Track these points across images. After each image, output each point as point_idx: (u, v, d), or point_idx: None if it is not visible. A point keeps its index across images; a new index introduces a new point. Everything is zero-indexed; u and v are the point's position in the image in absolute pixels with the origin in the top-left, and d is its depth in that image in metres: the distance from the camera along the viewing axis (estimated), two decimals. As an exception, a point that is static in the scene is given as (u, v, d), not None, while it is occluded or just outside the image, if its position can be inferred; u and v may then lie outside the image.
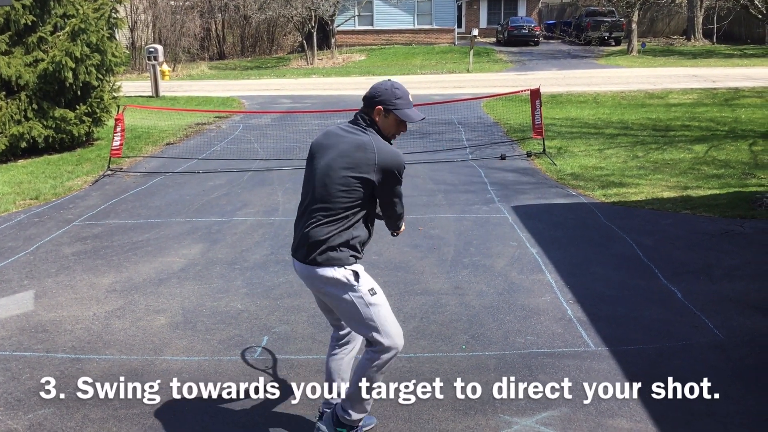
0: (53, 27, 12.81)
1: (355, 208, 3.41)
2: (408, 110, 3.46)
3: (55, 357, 4.81)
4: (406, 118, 3.45)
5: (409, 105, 3.46)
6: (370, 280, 3.49)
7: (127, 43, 31.42)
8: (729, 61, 27.84)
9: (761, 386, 4.22)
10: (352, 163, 3.35)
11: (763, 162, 10.66)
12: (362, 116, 3.48)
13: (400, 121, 3.47)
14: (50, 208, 8.85)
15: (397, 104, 3.43)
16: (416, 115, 3.49)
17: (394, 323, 3.50)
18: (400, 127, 3.50)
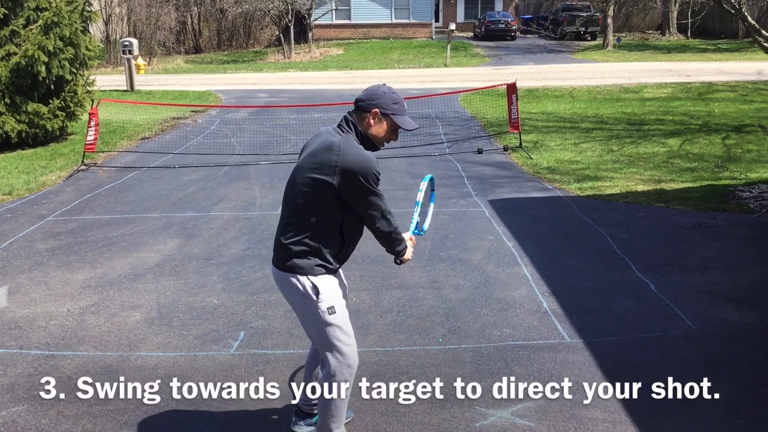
0: (26, 20, 12.62)
1: (319, 213, 3.22)
2: (404, 117, 3.37)
3: (29, 354, 4.77)
4: (402, 125, 3.35)
5: (404, 112, 3.38)
6: (333, 298, 3.32)
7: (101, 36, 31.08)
8: (703, 55, 28.15)
9: (732, 376, 4.29)
10: (317, 163, 3.17)
11: (735, 155, 10.81)
12: (346, 117, 3.31)
13: (393, 128, 3.36)
14: (23, 203, 8.75)
15: (395, 109, 3.33)
16: (411, 124, 3.40)
17: (349, 350, 3.35)
18: (393, 134, 3.38)
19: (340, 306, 3.34)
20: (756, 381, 4.23)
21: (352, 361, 3.36)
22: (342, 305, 3.37)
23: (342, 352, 3.33)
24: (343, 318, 3.36)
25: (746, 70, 22.40)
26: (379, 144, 3.36)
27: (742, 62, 25.19)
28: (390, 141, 3.40)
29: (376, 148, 3.36)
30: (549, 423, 3.84)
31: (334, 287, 3.36)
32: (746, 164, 10.17)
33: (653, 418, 3.86)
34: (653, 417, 3.87)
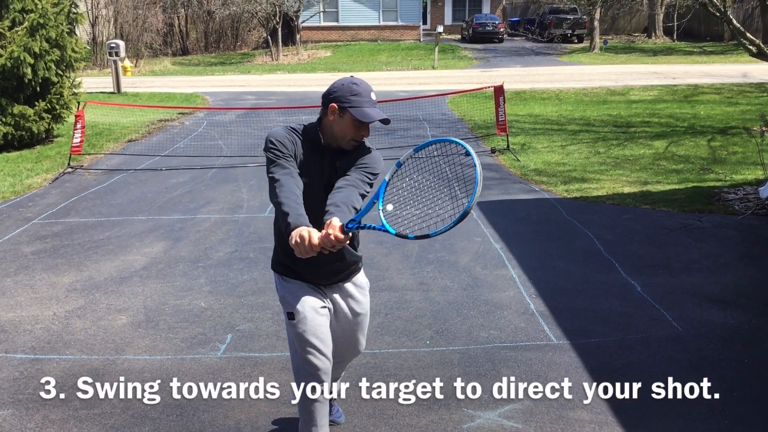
0: (11, 22, 12.53)
1: None
2: (366, 108, 2.93)
3: (14, 357, 4.74)
4: (362, 117, 2.90)
5: (369, 103, 2.94)
6: (293, 301, 3.09)
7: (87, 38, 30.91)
8: (689, 58, 28.36)
9: (717, 377, 4.31)
10: None
11: (721, 157, 10.89)
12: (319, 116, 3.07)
13: (357, 122, 2.94)
14: (9, 206, 8.69)
15: (353, 101, 2.91)
16: (375, 114, 2.93)
17: (315, 360, 3.07)
18: (360, 129, 2.96)
19: (302, 312, 3.07)
20: (741, 381, 4.26)
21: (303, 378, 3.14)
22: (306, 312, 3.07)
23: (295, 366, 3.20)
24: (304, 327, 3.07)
25: (731, 72, 22.58)
26: (344, 144, 2.99)
27: (727, 65, 25.39)
28: (362, 137, 3.00)
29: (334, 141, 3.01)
30: (536, 424, 3.85)
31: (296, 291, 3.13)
32: (731, 166, 10.24)
33: (639, 419, 3.88)
34: (639, 418, 3.89)
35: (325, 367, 3.12)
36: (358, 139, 2.99)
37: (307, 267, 3.06)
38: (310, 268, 3.07)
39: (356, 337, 3.41)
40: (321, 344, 3.10)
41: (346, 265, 3.21)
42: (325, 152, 3.04)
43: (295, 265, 3.07)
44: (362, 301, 3.35)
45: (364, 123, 2.96)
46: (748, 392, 4.14)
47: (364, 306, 3.37)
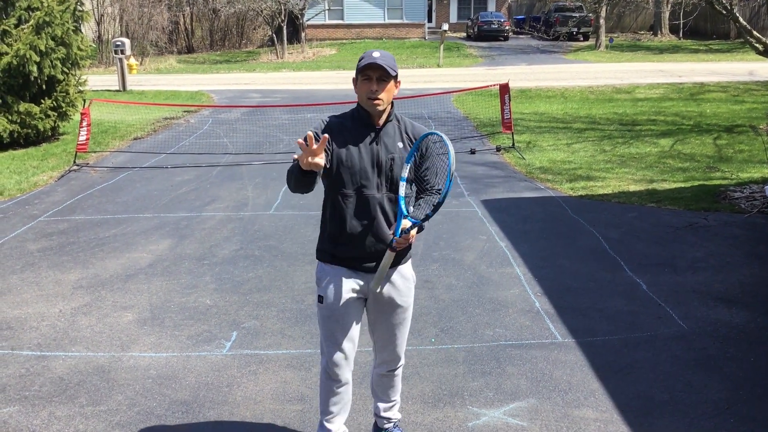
0: (17, 20, 12.57)
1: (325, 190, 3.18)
2: (363, 60, 3.01)
3: (21, 354, 4.75)
4: (359, 66, 3.01)
5: (369, 57, 3.00)
6: (326, 285, 3.17)
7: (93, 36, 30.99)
8: (695, 56, 28.28)
9: (723, 376, 4.31)
10: None
11: (727, 155, 10.86)
12: None
13: (363, 78, 3.01)
14: (15, 203, 8.71)
15: (359, 64, 3.02)
16: (367, 58, 2.99)
17: (332, 345, 3.19)
18: (366, 84, 3.00)
19: (331, 296, 3.15)
20: (746, 380, 4.25)
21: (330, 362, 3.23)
22: (334, 296, 3.15)
23: (324, 349, 3.26)
24: (330, 312, 3.16)
25: (738, 70, 22.52)
26: (366, 105, 3.04)
27: (733, 63, 25.31)
28: (373, 94, 2.99)
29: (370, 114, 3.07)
30: (541, 422, 3.85)
31: (335, 278, 3.16)
32: (737, 164, 10.21)
33: (645, 417, 3.87)
34: (644, 416, 3.89)
35: (341, 354, 3.20)
36: (372, 96, 2.99)
37: (350, 250, 3.12)
38: (353, 249, 3.11)
39: (393, 333, 3.30)
40: (341, 332, 3.17)
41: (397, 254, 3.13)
42: (371, 128, 3.10)
43: (336, 249, 3.14)
44: (404, 293, 3.26)
45: (366, 73, 3.00)
46: (754, 391, 4.13)
47: (406, 299, 3.28)
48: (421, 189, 3.22)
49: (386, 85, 3.02)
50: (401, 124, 3.19)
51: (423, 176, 3.18)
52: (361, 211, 3.08)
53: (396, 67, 3.05)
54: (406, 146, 3.13)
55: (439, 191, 3.21)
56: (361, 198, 3.07)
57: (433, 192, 3.22)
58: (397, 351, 3.37)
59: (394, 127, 3.15)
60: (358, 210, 3.08)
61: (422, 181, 3.19)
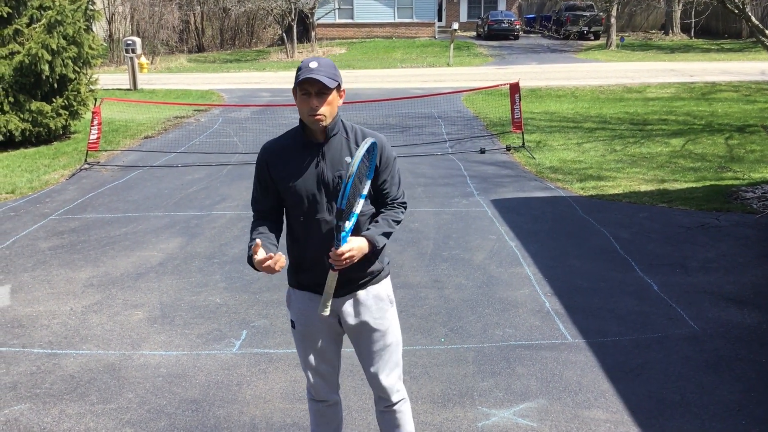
0: (29, 19, 12.66)
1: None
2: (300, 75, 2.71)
3: (32, 352, 4.77)
4: (296, 85, 2.72)
5: (306, 71, 2.70)
6: (295, 311, 3.00)
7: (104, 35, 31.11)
8: (706, 55, 28.12)
9: (734, 377, 4.28)
10: None
11: (738, 156, 10.79)
12: None
13: (300, 94, 2.74)
14: (26, 202, 8.76)
15: (296, 77, 2.74)
16: (304, 69, 2.70)
17: (309, 368, 3.04)
18: (305, 102, 2.72)
19: (303, 320, 2.97)
20: (758, 382, 4.22)
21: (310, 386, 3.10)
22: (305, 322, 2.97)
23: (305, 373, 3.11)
24: (302, 336, 3.00)
25: (750, 70, 22.38)
26: (308, 122, 2.77)
27: (745, 62, 25.16)
28: (313, 110, 2.71)
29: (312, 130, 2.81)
30: (551, 423, 3.84)
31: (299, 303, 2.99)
32: (749, 164, 10.15)
33: (655, 419, 3.85)
34: (655, 417, 3.87)
35: (318, 378, 3.04)
36: (313, 113, 2.71)
37: (312, 276, 2.90)
38: (315, 277, 2.88)
39: (375, 362, 3.01)
40: (315, 355, 3.00)
41: (356, 273, 2.88)
42: (312, 146, 2.83)
43: (299, 275, 2.96)
44: (378, 315, 2.96)
45: (304, 88, 2.71)
46: (766, 393, 4.10)
47: (381, 321, 2.97)
48: (381, 203, 2.94)
49: (327, 98, 2.72)
50: (350, 136, 2.87)
51: (382, 188, 2.90)
52: (316, 236, 2.83)
53: (337, 76, 2.75)
54: None
55: (403, 204, 2.98)
56: (312, 222, 2.83)
57: (395, 205, 2.94)
58: (383, 383, 3.03)
59: (341, 141, 2.84)
60: (312, 235, 2.85)
61: (381, 194, 2.92)
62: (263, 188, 2.92)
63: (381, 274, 3.00)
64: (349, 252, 2.72)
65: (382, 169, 2.89)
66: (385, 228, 2.87)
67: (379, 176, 2.89)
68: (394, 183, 2.94)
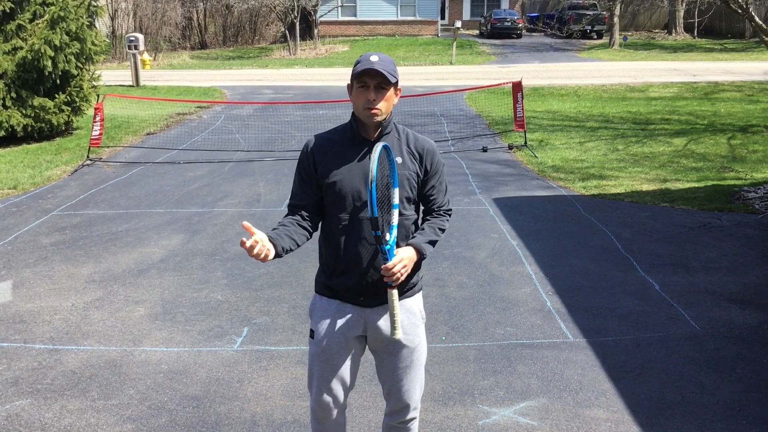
0: (32, 15, 12.66)
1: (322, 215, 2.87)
2: (358, 67, 2.66)
3: (33, 348, 4.78)
4: (354, 73, 2.66)
5: (366, 63, 2.65)
6: (318, 320, 2.83)
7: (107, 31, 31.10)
8: (709, 55, 28.08)
9: (735, 377, 4.28)
10: None
11: (741, 155, 10.78)
12: None
13: (357, 87, 2.68)
14: (28, 197, 8.77)
15: (355, 69, 2.67)
16: (366, 63, 2.64)
17: (321, 386, 2.84)
18: (363, 93, 2.66)
19: (323, 331, 2.82)
20: (759, 382, 4.22)
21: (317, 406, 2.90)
22: (326, 332, 2.82)
23: (312, 390, 2.92)
24: (320, 348, 2.83)
25: (753, 70, 22.34)
26: (362, 115, 2.71)
27: (748, 62, 25.13)
28: (371, 104, 2.66)
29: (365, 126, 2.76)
30: (552, 422, 3.84)
31: (325, 312, 2.84)
32: (752, 164, 10.14)
33: (656, 418, 3.85)
34: (656, 417, 3.87)
35: (328, 398, 2.87)
36: (369, 106, 2.65)
37: (345, 281, 2.77)
38: (349, 280, 2.76)
39: (399, 378, 2.87)
40: (331, 373, 2.84)
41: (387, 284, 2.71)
42: (364, 142, 2.76)
43: (331, 280, 2.81)
44: (409, 330, 2.83)
45: (362, 80, 2.65)
46: (767, 393, 4.10)
47: (412, 338, 2.84)
48: (427, 210, 2.89)
49: (385, 93, 2.67)
50: (402, 137, 2.81)
51: (429, 195, 2.83)
52: (355, 237, 2.72)
53: (397, 73, 2.71)
54: (407, 161, 2.76)
55: (449, 212, 2.91)
56: (354, 222, 2.72)
57: (441, 213, 2.87)
58: (404, 399, 2.90)
59: (393, 140, 2.77)
60: (353, 236, 2.73)
61: (428, 200, 2.85)
62: (304, 182, 2.81)
63: (415, 288, 2.93)
64: (400, 263, 2.64)
65: (431, 176, 2.82)
66: (431, 236, 2.79)
67: (428, 182, 2.82)
68: (441, 190, 2.87)
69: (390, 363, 2.87)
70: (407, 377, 2.88)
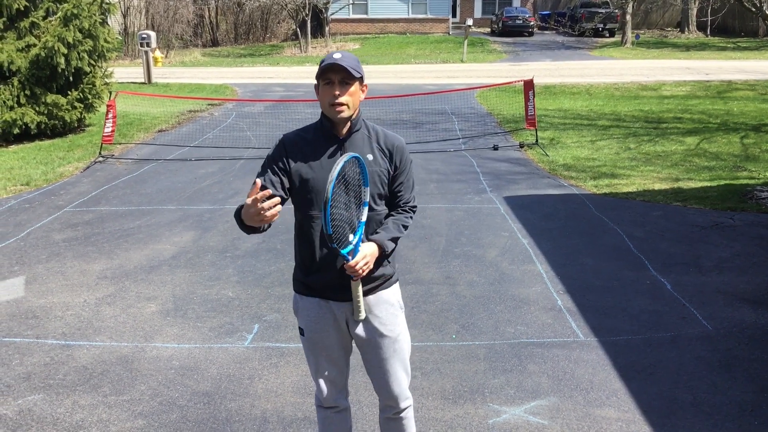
0: (45, 12, 12.73)
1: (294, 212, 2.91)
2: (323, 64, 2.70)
3: (45, 343, 4.81)
4: (319, 74, 2.71)
5: (329, 59, 2.69)
6: (303, 318, 2.92)
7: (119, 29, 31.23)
8: (722, 53, 27.90)
9: (747, 378, 4.25)
10: None
11: (754, 155, 10.71)
12: None
13: (323, 84, 2.73)
14: (41, 194, 8.82)
15: (319, 68, 2.72)
16: (328, 59, 2.69)
17: (320, 376, 2.97)
18: (328, 89, 2.71)
19: (311, 327, 2.90)
20: (772, 382, 4.19)
21: (321, 395, 3.01)
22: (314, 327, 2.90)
23: (314, 381, 3.03)
24: (311, 344, 2.94)
25: (766, 68, 22.18)
26: (328, 112, 2.75)
27: (762, 61, 24.95)
28: (335, 99, 2.69)
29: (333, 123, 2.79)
30: (562, 421, 3.83)
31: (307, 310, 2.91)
32: (765, 164, 10.07)
33: (667, 418, 3.84)
34: (667, 416, 3.85)
35: (329, 384, 2.97)
36: (333, 102, 2.69)
37: (321, 278, 2.82)
38: (323, 281, 2.82)
39: (384, 368, 2.94)
40: (325, 362, 2.94)
41: (364, 279, 2.80)
42: (334, 139, 2.81)
43: (307, 278, 2.86)
44: (387, 320, 2.91)
45: (327, 76, 2.70)
46: (780, 394, 4.07)
47: (391, 327, 2.92)
48: (392, 205, 2.91)
49: (349, 88, 2.70)
50: (372, 134, 2.86)
51: (396, 191, 2.88)
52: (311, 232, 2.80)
53: (360, 69, 2.74)
54: (377, 158, 2.81)
55: (414, 208, 2.96)
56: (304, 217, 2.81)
57: (406, 209, 2.92)
58: (392, 390, 2.97)
59: (363, 137, 2.83)
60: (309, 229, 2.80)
61: (395, 196, 2.89)
62: (275, 174, 2.82)
63: (391, 280, 2.95)
64: (363, 260, 2.69)
65: (399, 173, 2.87)
66: (394, 233, 2.83)
67: (396, 179, 2.87)
68: (408, 186, 2.92)
69: (374, 355, 2.93)
70: (392, 367, 2.95)
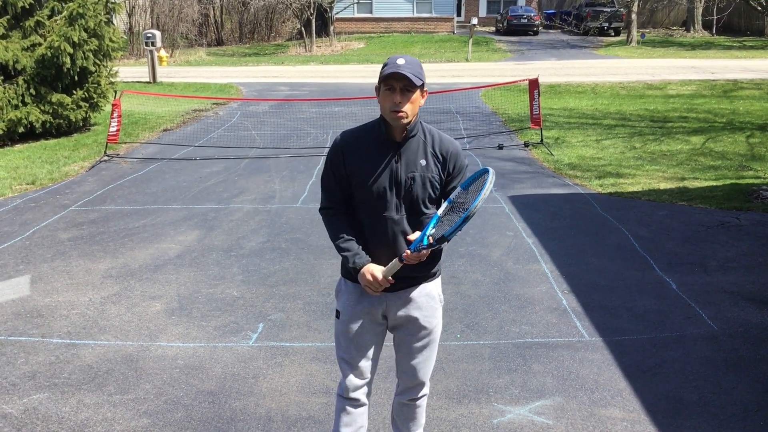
0: (51, 11, 12.75)
1: None
2: (385, 70, 2.75)
3: (51, 342, 4.82)
4: (381, 76, 2.76)
5: (393, 66, 2.74)
6: (343, 301, 3.03)
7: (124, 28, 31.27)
8: (728, 52, 27.81)
9: (753, 377, 4.24)
10: None
11: (760, 154, 10.68)
12: None
13: (384, 89, 2.78)
14: (46, 193, 8.84)
15: (382, 71, 2.76)
16: (392, 67, 2.72)
17: (348, 363, 3.04)
18: (389, 96, 2.75)
19: (349, 311, 3.00)
20: (778, 383, 4.18)
21: (346, 384, 3.07)
22: (352, 312, 2.99)
23: (340, 367, 3.10)
24: (345, 327, 3.01)
25: (772, 67, 22.11)
26: (389, 118, 2.80)
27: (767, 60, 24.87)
28: (396, 106, 2.75)
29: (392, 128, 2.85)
30: (567, 421, 3.82)
31: (349, 294, 3.02)
32: (771, 163, 10.04)
33: (673, 418, 3.83)
34: (672, 416, 3.84)
35: (357, 372, 3.04)
36: (395, 109, 2.74)
37: None
38: None
39: (415, 356, 3.06)
40: (356, 350, 3.01)
41: (418, 272, 2.94)
42: (391, 143, 2.87)
43: None
44: (427, 312, 3.01)
45: (389, 83, 2.75)
46: (786, 394, 4.06)
47: (430, 319, 3.02)
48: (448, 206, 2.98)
49: (411, 95, 2.76)
50: (427, 139, 2.91)
51: (450, 193, 2.95)
52: (379, 233, 2.89)
53: (423, 75, 2.78)
54: (430, 164, 2.87)
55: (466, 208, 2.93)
56: (378, 219, 2.88)
57: (461, 209, 2.94)
58: (418, 376, 3.11)
59: (418, 143, 2.89)
60: (376, 232, 2.90)
61: (448, 197, 2.96)
62: (336, 179, 2.94)
63: (435, 273, 3.07)
64: (425, 251, 2.79)
65: (453, 177, 2.94)
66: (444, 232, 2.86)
67: (450, 183, 2.94)
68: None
69: (409, 342, 3.05)
70: (423, 356, 3.08)
